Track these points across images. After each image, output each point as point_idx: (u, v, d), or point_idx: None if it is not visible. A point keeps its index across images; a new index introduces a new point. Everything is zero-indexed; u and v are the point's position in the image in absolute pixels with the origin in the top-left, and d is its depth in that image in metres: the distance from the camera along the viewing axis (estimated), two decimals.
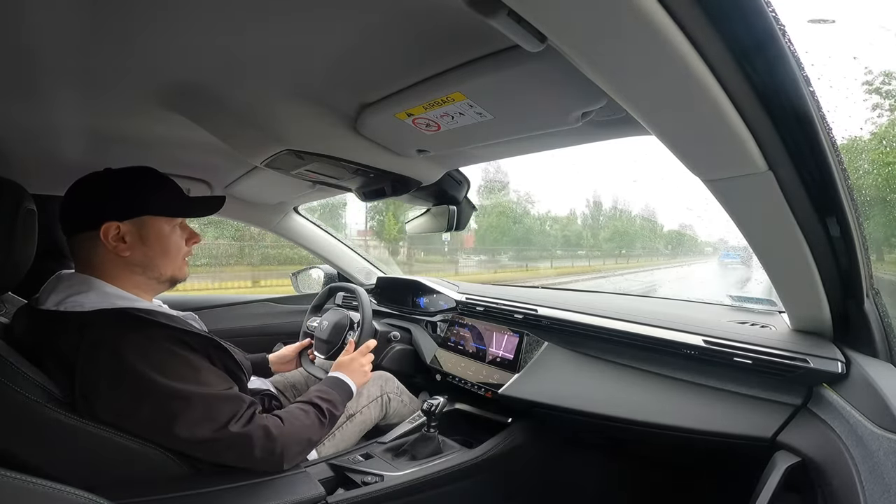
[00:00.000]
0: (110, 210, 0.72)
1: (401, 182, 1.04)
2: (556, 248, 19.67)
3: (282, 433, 0.75)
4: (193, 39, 0.58)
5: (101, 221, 0.71)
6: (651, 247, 22.48)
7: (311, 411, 0.83)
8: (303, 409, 0.83)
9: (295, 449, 0.77)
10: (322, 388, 0.92)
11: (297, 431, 0.78)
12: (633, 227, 21.91)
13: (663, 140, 0.53)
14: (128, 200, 0.74)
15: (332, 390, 0.93)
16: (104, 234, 0.72)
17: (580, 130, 0.75)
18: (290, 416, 0.79)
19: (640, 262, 20.43)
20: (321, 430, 0.84)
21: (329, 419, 0.86)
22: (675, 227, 24.15)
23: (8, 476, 0.47)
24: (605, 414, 0.94)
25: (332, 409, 0.88)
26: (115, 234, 0.72)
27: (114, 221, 0.72)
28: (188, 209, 0.82)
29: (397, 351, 1.46)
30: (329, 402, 0.88)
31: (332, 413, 0.87)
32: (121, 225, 0.73)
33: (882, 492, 0.51)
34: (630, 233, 21.60)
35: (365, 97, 0.74)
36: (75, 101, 0.78)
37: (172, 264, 0.80)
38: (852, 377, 0.71)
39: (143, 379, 0.65)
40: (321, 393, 0.90)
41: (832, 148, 0.51)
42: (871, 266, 0.68)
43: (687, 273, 15.30)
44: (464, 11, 0.39)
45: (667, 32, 0.36)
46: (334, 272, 1.91)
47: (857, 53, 3.24)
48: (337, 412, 0.90)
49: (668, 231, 24.22)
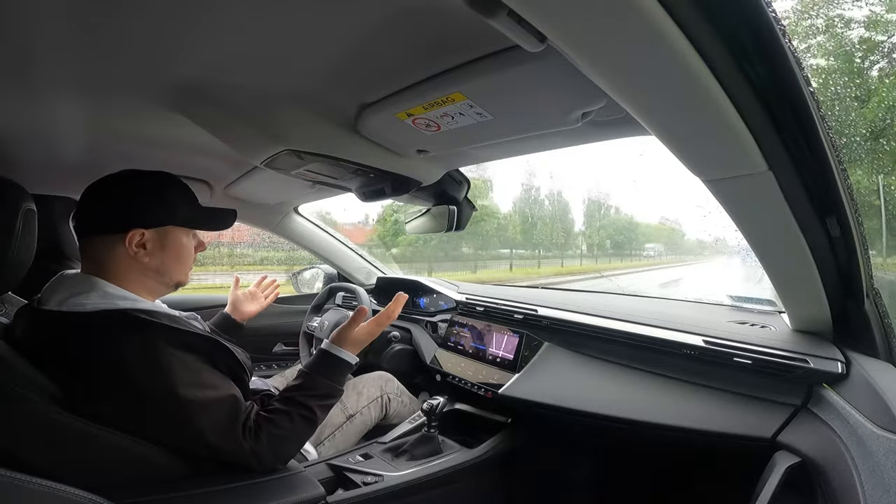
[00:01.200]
0: (139, 217, 0.73)
1: (401, 182, 1.04)
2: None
3: (276, 433, 0.74)
4: (193, 39, 0.58)
5: (128, 227, 0.72)
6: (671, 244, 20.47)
7: (296, 414, 0.78)
8: (294, 402, 0.79)
9: (291, 448, 0.77)
10: (306, 380, 0.83)
11: (289, 430, 0.76)
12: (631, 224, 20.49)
13: (663, 140, 0.53)
14: (157, 210, 0.75)
15: (321, 379, 0.83)
16: (129, 241, 0.72)
17: (580, 130, 0.75)
18: (282, 415, 0.77)
19: (651, 261, 19.15)
20: (312, 427, 0.80)
21: (321, 412, 0.81)
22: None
23: (8, 476, 0.47)
24: (605, 414, 0.94)
25: (323, 400, 0.81)
26: (138, 241, 0.73)
27: (140, 229, 0.73)
28: (208, 222, 0.84)
29: (397, 351, 1.46)
30: (317, 397, 0.81)
31: (323, 406, 0.81)
32: (146, 232, 0.74)
33: (882, 492, 0.51)
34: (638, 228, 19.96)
35: (365, 97, 0.74)
36: (75, 101, 0.78)
37: (183, 270, 0.81)
38: (852, 377, 0.71)
39: (143, 380, 0.65)
40: (303, 391, 0.81)
41: (832, 148, 0.51)
42: (871, 266, 0.68)
43: (707, 271, 13.52)
44: (464, 11, 0.40)
45: (667, 32, 0.36)
46: (334, 272, 1.92)
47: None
48: (331, 400, 0.83)
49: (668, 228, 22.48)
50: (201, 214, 0.82)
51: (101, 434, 0.64)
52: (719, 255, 11.85)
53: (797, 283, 0.71)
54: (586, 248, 19.07)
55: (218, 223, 0.86)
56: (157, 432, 0.67)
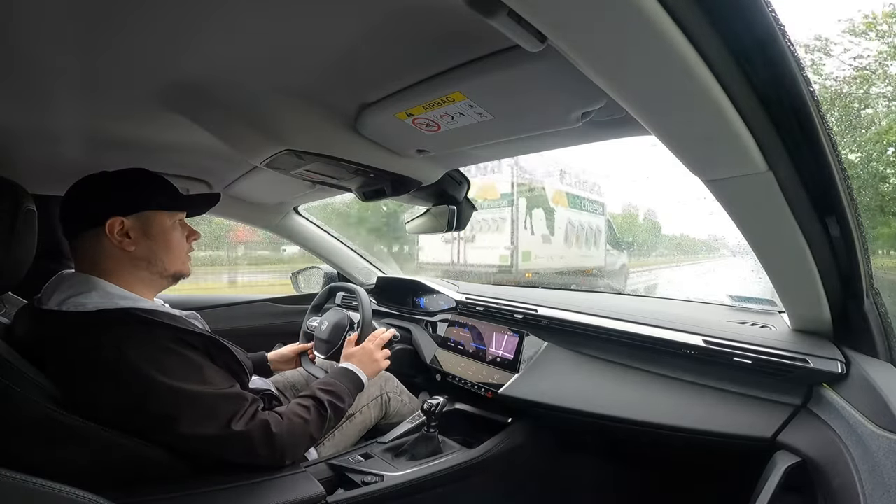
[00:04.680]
0: (114, 206, 0.75)
1: (401, 182, 1.04)
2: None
3: (281, 430, 0.75)
4: (193, 39, 0.58)
5: (105, 217, 0.73)
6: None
7: (312, 405, 0.83)
8: (303, 404, 0.83)
9: (296, 445, 0.78)
10: (326, 381, 0.92)
11: (296, 427, 0.78)
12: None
13: (663, 140, 0.53)
14: (131, 196, 0.77)
15: (337, 381, 0.92)
16: (109, 230, 0.73)
17: (580, 130, 0.75)
18: (290, 412, 0.79)
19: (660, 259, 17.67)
20: (322, 424, 0.83)
21: (333, 411, 0.85)
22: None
23: (8, 476, 0.47)
24: (605, 414, 0.94)
25: (336, 400, 0.87)
26: (119, 230, 0.74)
27: (118, 217, 0.74)
28: (187, 204, 0.85)
29: (397, 351, 1.46)
30: (331, 394, 0.87)
31: (335, 405, 0.86)
32: (125, 220, 0.75)
33: (882, 492, 0.51)
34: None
35: (365, 97, 0.74)
36: (75, 101, 0.78)
37: (176, 259, 0.82)
38: (852, 377, 0.71)
39: (145, 379, 0.65)
40: (324, 385, 0.89)
41: (832, 148, 0.51)
42: (871, 266, 0.68)
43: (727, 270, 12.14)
44: (464, 11, 0.40)
45: (667, 32, 0.36)
46: (334, 272, 1.91)
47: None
48: (342, 404, 0.88)
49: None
50: (179, 199, 0.83)
51: (101, 434, 0.64)
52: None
53: (797, 283, 0.71)
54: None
55: (198, 205, 0.88)
56: (159, 431, 0.67)
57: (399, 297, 1.71)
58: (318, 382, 0.91)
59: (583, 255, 6.79)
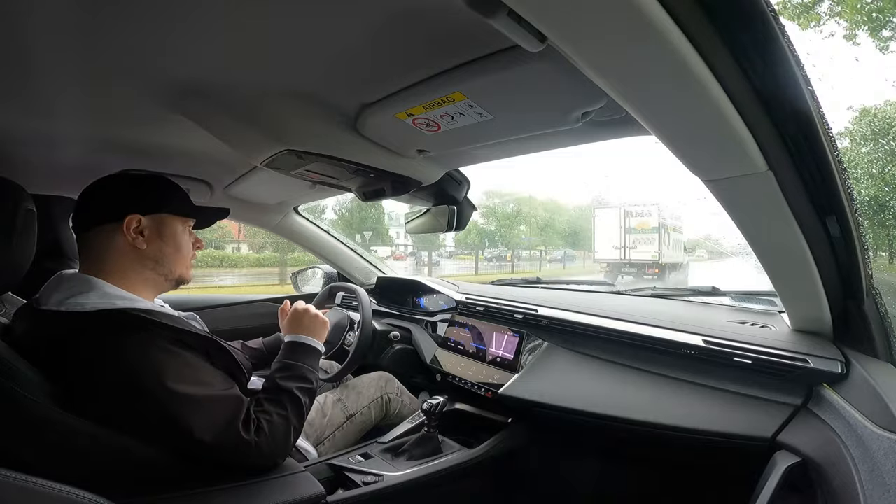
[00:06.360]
0: (135, 204, 0.77)
1: (401, 182, 1.04)
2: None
3: (270, 420, 0.75)
4: (193, 39, 0.58)
5: (125, 213, 0.75)
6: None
7: (286, 400, 0.81)
8: (275, 399, 0.80)
9: (287, 444, 0.77)
10: (284, 366, 0.88)
11: (279, 427, 0.76)
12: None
13: (663, 140, 0.53)
14: (151, 197, 0.79)
15: (295, 363, 0.88)
16: (126, 226, 0.75)
17: (580, 130, 0.75)
18: (270, 412, 0.77)
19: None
20: (302, 412, 0.82)
21: (307, 396, 0.83)
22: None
23: (8, 476, 0.47)
24: (605, 414, 0.94)
25: (304, 384, 0.85)
26: (136, 227, 0.76)
27: (137, 214, 0.76)
28: (200, 212, 0.88)
29: (397, 351, 1.46)
30: (297, 379, 0.85)
31: (304, 389, 0.84)
32: (143, 218, 0.76)
33: (882, 492, 0.51)
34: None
35: (365, 97, 0.74)
36: (75, 101, 0.78)
37: (182, 263, 0.83)
38: (852, 377, 0.71)
39: (142, 379, 0.65)
40: (286, 372, 0.86)
41: (832, 148, 0.51)
42: (871, 266, 0.68)
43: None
44: (464, 11, 0.40)
45: (667, 32, 0.36)
46: (334, 272, 1.91)
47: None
48: (311, 385, 0.86)
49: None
50: (193, 207, 0.86)
51: (101, 434, 0.64)
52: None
53: (797, 283, 0.71)
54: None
55: (210, 215, 0.91)
56: (158, 431, 0.67)
57: (399, 297, 1.71)
58: (278, 372, 0.86)
59: (676, 256, 14.63)
